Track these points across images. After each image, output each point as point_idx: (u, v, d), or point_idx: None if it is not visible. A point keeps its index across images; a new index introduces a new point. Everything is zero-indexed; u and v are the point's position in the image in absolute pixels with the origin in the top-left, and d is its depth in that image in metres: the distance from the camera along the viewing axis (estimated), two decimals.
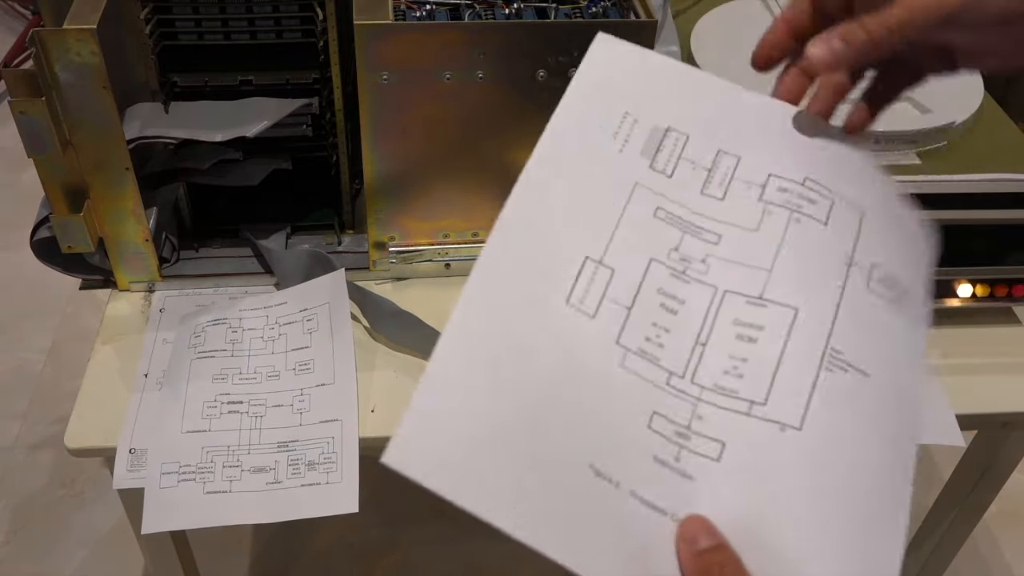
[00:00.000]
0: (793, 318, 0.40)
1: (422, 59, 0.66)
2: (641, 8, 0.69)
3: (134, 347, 0.73)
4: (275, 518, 0.64)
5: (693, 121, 0.45)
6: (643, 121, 0.44)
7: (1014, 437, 0.83)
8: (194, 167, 0.76)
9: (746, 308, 0.40)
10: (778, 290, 0.40)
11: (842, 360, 0.39)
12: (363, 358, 0.73)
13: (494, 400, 0.38)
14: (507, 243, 0.41)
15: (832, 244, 0.42)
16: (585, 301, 0.40)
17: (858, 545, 0.37)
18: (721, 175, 0.43)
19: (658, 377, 0.39)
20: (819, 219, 0.42)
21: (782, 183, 0.43)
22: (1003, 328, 0.79)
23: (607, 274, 0.41)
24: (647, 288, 0.41)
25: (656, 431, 0.38)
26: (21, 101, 0.61)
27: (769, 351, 0.39)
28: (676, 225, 0.42)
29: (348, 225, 0.83)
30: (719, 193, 0.43)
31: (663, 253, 0.41)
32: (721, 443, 0.38)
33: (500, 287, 0.40)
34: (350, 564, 1.27)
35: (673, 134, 0.44)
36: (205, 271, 0.79)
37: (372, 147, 0.71)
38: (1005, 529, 1.32)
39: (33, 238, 0.72)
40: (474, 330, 0.39)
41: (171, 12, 0.71)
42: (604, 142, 0.44)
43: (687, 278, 0.41)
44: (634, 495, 0.37)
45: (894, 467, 0.38)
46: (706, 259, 0.41)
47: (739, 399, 0.39)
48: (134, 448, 0.66)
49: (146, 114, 0.72)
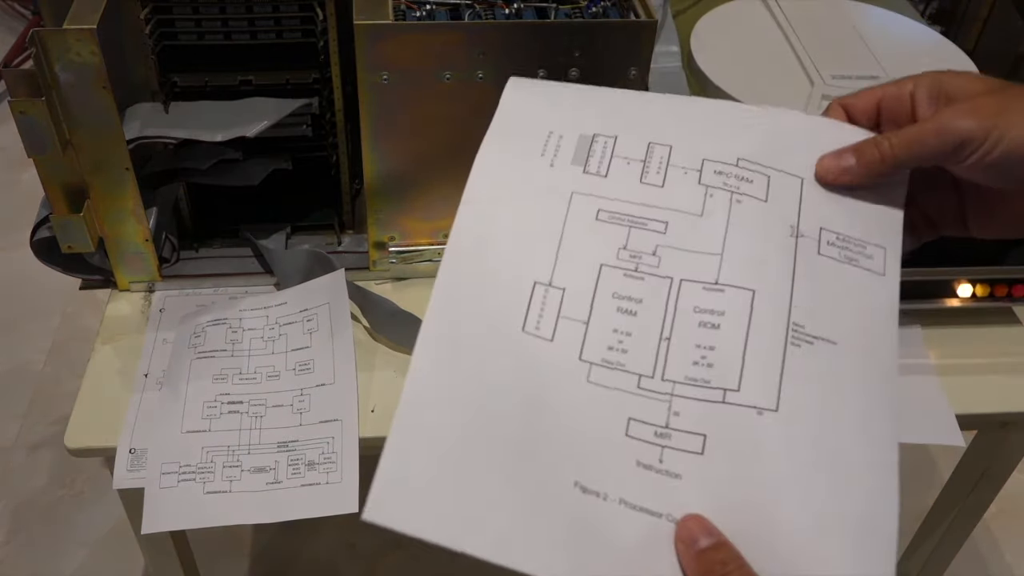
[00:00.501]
0: (751, 299, 0.40)
1: (422, 59, 0.66)
2: (641, 8, 0.69)
3: (134, 347, 0.73)
4: (275, 518, 0.64)
5: (617, 124, 0.45)
6: (568, 135, 0.44)
7: (1014, 437, 0.83)
8: (194, 167, 0.76)
9: (704, 295, 0.40)
10: (732, 273, 0.40)
11: (805, 334, 0.39)
12: (363, 358, 0.73)
13: (468, 439, 0.37)
14: (457, 281, 0.41)
15: (776, 219, 0.42)
16: (540, 326, 0.40)
17: (853, 512, 0.36)
18: (656, 163, 0.43)
19: (628, 383, 0.39)
20: (759, 197, 0.42)
21: (717, 166, 0.43)
22: (1003, 328, 0.79)
23: (558, 295, 0.40)
24: (601, 297, 0.40)
25: (635, 437, 0.38)
26: (21, 101, 0.61)
27: (734, 336, 0.39)
28: (620, 222, 0.42)
29: (348, 225, 0.83)
30: (658, 180, 0.43)
31: (612, 255, 0.41)
32: (702, 436, 0.38)
33: (457, 326, 0.40)
34: (350, 564, 1.27)
35: (601, 138, 0.44)
36: (205, 271, 0.79)
37: (372, 147, 0.71)
38: (1005, 529, 1.32)
39: (33, 238, 0.72)
40: (437, 372, 0.39)
41: (171, 12, 0.71)
42: (533, 162, 0.44)
43: (640, 274, 0.41)
44: (623, 503, 0.37)
45: (878, 425, 0.38)
46: (656, 250, 0.41)
47: (712, 388, 0.38)
48: (134, 448, 0.66)
49: (146, 114, 0.72)
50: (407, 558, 1.27)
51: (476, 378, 0.39)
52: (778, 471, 0.37)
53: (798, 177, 0.43)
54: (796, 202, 0.42)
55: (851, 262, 0.41)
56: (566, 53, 0.67)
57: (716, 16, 0.97)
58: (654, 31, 0.68)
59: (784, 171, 0.43)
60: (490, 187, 0.43)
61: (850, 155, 0.43)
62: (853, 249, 0.42)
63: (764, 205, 0.42)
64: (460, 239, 0.42)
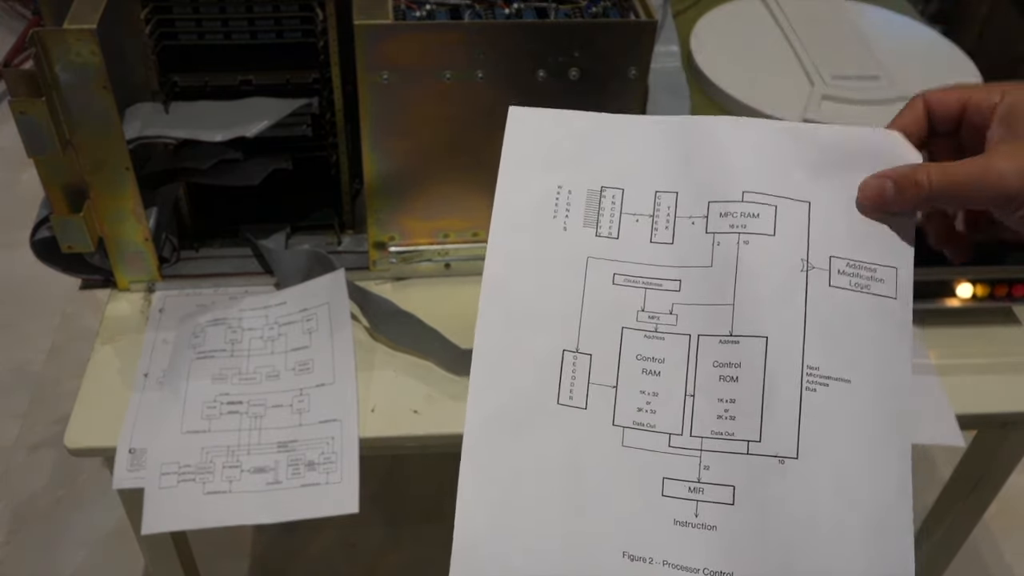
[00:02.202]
0: (765, 347, 0.40)
1: (422, 59, 0.66)
2: (641, 8, 0.69)
3: (134, 347, 0.73)
4: (275, 518, 0.64)
5: (622, 171, 0.45)
6: (576, 189, 0.44)
7: (1014, 437, 0.83)
8: (194, 167, 0.76)
9: (721, 348, 0.41)
10: (745, 322, 0.41)
11: (820, 376, 0.40)
12: (363, 358, 0.73)
13: (521, 521, 0.40)
14: (491, 361, 0.42)
15: (785, 255, 0.42)
16: (574, 395, 0.41)
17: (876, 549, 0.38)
18: (664, 217, 0.43)
19: (659, 443, 0.40)
20: (766, 232, 0.42)
21: (722, 207, 0.43)
22: (1003, 328, 0.79)
23: (586, 361, 0.42)
24: (626, 359, 0.41)
25: (670, 496, 0.40)
26: (21, 101, 0.61)
27: (751, 387, 0.40)
28: (636, 284, 0.43)
29: (348, 225, 0.83)
30: (668, 237, 0.43)
31: (632, 318, 0.42)
32: (731, 487, 0.39)
33: (497, 408, 0.41)
34: (350, 564, 1.27)
35: (609, 192, 0.44)
36: (205, 271, 0.79)
37: (372, 147, 0.71)
38: (1005, 529, 1.32)
39: (33, 238, 0.72)
40: (485, 456, 0.41)
41: (171, 12, 0.71)
42: (547, 226, 0.44)
43: (660, 334, 0.42)
44: (667, 564, 0.39)
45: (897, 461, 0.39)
46: (673, 308, 0.42)
47: (736, 440, 0.40)
48: (134, 448, 0.66)
49: (146, 114, 0.72)
50: (407, 558, 1.27)
51: (525, 457, 0.41)
52: (804, 516, 0.38)
53: (805, 202, 0.43)
54: (805, 231, 0.42)
55: (863, 289, 0.41)
56: (566, 53, 0.67)
57: (716, 16, 0.98)
58: (654, 31, 0.68)
59: (791, 197, 0.43)
60: (511, 256, 0.44)
61: (889, 181, 0.41)
62: (864, 275, 0.41)
63: (772, 240, 0.42)
64: (489, 316, 0.43)
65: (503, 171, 0.45)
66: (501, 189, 0.45)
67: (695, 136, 0.44)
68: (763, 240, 0.42)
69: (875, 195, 0.41)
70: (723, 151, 0.44)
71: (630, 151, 0.45)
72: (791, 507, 0.38)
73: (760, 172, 0.43)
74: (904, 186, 0.41)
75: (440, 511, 1.33)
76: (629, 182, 0.44)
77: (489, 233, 0.44)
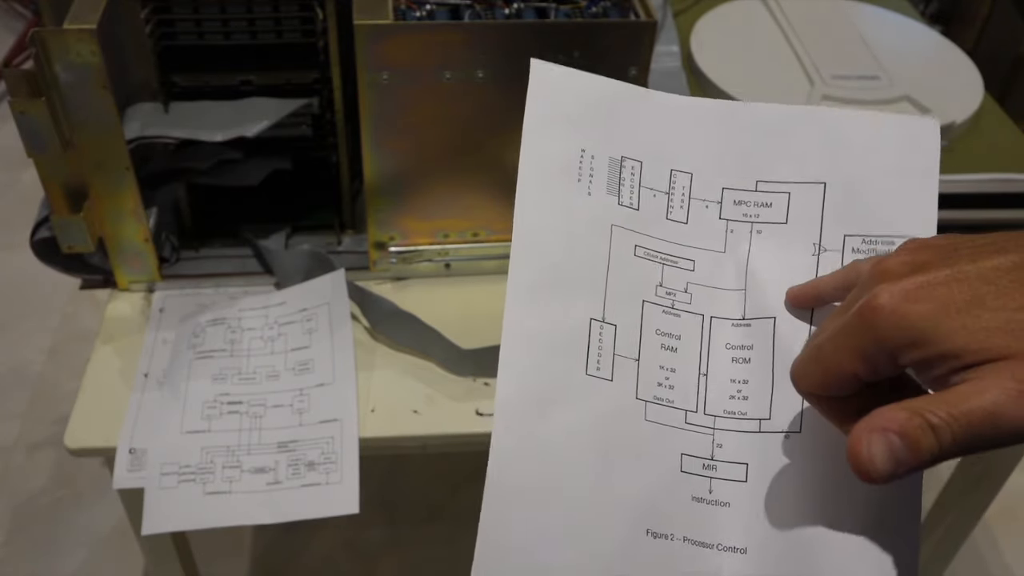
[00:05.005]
0: (773, 328, 0.40)
1: (422, 59, 0.66)
2: (641, 8, 0.69)
3: (134, 347, 0.73)
4: (275, 519, 0.64)
5: (641, 144, 0.44)
6: (599, 155, 0.44)
7: None
8: (194, 167, 0.76)
9: (733, 331, 0.41)
10: (756, 307, 0.41)
11: None
12: (363, 358, 0.73)
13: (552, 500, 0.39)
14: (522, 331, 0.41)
15: (797, 241, 0.42)
16: (601, 367, 0.41)
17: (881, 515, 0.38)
18: (679, 197, 0.43)
19: (677, 419, 0.40)
20: (779, 220, 0.42)
21: (736, 195, 0.43)
22: None
23: (612, 331, 0.41)
24: (647, 333, 0.41)
25: (688, 472, 0.40)
26: (21, 101, 0.61)
27: (763, 368, 0.40)
28: (655, 259, 0.42)
29: (348, 225, 0.83)
30: (682, 217, 0.43)
31: (651, 291, 0.42)
32: (744, 464, 0.40)
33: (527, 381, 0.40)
34: (350, 564, 1.27)
35: (629, 163, 0.44)
36: (205, 271, 0.79)
37: (372, 147, 0.71)
38: (1005, 529, 1.32)
39: (33, 238, 0.72)
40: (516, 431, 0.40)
41: (171, 12, 0.71)
42: (572, 189, 0.43)
43: (677, 311, 0.42)
44: (687, 540, 0.39)
45: None
46: (687, 287, 0.42)
47: (749, 419, 0.40)
48: (134, 448, 0.66)
49: (146, 114, 0.72)
50: (407, 558, 1.27)
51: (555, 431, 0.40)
52: (810, 492, 0.39)
53: (820, 183, 0.42)
54: (818, 214, 0.42)
55: None
56: (566, 53, 0.67)
57: (716, 16, 0.98)
58: (654, 31, 0.68)
59: (805, 180, 0.42)
60: (539, 217, 0.43)
61: (896, 438, 0.31)
62: (880, 249, 0.41)
63: (785, 228, 0.42)
64: (519, 279, 0.42)
65: (527, 122, 0.44)
66: (527, 142, 0.44)
67: (713, 117, 0.44)
68: (775, 228, 0.42)
69: (888, 461, 0.32)
70: (739, 134, 0.44)
71: (649, 125, 0.45)
72: (800, 481, 0.39)
73: (775, 158, 0.43)
74: (919, 444, 0.31)
75: (440, 511, 1.33)
76: (647, 156, 0.44)
77: (517, 186, 0.43)
